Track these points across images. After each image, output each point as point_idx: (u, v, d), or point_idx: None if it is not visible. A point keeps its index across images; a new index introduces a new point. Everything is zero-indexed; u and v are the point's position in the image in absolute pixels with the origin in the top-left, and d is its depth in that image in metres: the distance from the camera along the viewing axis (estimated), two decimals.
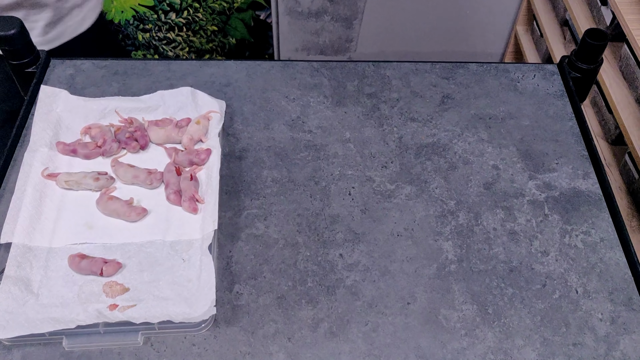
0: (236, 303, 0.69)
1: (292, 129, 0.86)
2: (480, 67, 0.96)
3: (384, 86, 0.92)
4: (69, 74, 0.91)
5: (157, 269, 0.69)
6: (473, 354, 0.66)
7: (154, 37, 1.94)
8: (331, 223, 0.76)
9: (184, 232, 0.72)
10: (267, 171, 0.81)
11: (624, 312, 0.70)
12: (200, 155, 0.78)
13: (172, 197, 0.75)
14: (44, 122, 0.80)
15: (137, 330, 0.65)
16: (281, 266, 0.72)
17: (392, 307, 0.69)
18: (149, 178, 0.76)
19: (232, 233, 0.75)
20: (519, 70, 0.96)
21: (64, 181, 0.75)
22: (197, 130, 0.81)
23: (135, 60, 0.93)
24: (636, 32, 1.20)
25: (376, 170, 0.82)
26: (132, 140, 0.80)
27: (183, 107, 0.84)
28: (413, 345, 0.66)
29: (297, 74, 0.93)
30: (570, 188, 0.81)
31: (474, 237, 0.75)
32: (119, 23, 1.88)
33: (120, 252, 0.71)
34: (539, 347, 0.67)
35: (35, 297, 0.66)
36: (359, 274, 0.72)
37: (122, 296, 0.66)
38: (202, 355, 0.65)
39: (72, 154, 0.79)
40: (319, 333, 0.67)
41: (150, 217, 0.74)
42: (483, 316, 0.69)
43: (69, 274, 0.68)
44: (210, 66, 0.93)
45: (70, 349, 0.64)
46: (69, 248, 0.71)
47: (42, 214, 0.73)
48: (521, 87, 0.94)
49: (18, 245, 0.69)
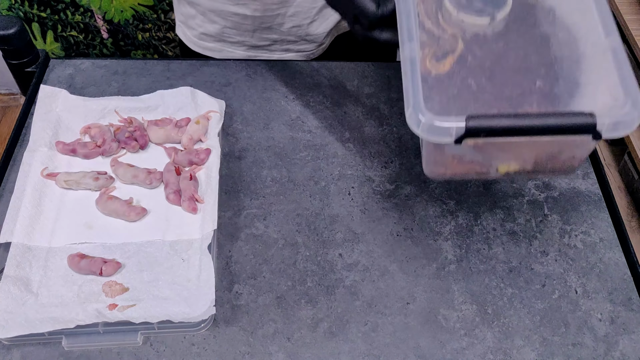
0: (236, 303, 0.69)
1: (291, 128, 0.86)
2: None
3: (384, 86, 0.92)
4: (69, 74, 0.91)
5: (157, 268, 0.69)
6: (472, 354, 0.66)
7: (154, 36, 1.94)
8: (331, 223, 0.76)
9: (184, 232, 0.72)
10: (266, 171, 0.81)
11: (624, 312, 0.70)
12: (200, 155, 0.78)
13: (171, 196, 0.75)
14: (43, 122, 0.80)
15: (136, 330, 0.65)
16: (281, 266, 0.72)
17: (391, 307, 0.69)
18: (149, 178, 0.76)
19: (231, 233, 0.75)
20: None
21: (64, 181, 0.75)
22: (197, 130, 0.81)
23: (135, 60, 0.93)
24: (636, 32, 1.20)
25: (376, 170, 0.82)
26: (131, 139, 0.80)
27: (183, 107, 0.84)
28: (412, 345, 0.66)
29: (297, 74, 0.93)
30: (570, 188, 0.81)
31: (473, 237, 0.75)
32: (118, 22, 1.88)
33: (119, 251, 0.71)
34: (539, 347, 0.67)
35: (34, 297, 0.66)
36: (358, 274, 0.72)
37: (121, 296, 0.66)
38: (202, 355, 0.65)
39: (71, 154, 0.79)
40: (319, 333, 0.67)
41: (149, 217, 0.74)
42: (482, 316, 0.69)
43: (69, 273, 0.68)
44: (210, 66, 0.93)
45: (70, 349, 0.64)
46: (69, 248, 0.71)
47: (42, 214, 0.73)
48: None
49: (17, 245, 0.69)
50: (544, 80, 0.56)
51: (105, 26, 1.90)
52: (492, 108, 0.54)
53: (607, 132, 0.51)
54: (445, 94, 0.55)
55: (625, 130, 0.51)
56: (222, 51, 1.00)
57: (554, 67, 0.57)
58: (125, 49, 1.99)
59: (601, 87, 0.54)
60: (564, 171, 0.59)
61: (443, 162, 0.58)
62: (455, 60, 0.58)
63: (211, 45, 1.00)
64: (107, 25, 1.90)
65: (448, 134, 0.51)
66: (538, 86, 0.56)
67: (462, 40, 0.59)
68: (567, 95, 0.55)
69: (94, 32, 1.92)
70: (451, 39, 0.59)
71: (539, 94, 0.55)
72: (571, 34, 0.59)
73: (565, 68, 0.57)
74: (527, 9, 0.61)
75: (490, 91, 0.56)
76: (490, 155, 0.57)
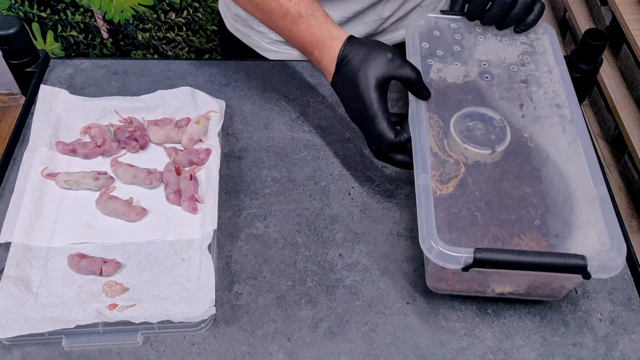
0: (236, 303, 0.69)
1: (291, 128, 0.86)
2: None
3: None
4: (69, 74, 0.91)
5: (157, 268, 0.69)
6: (472, 353, 0.66)
7: (154, 36, 1.94)
8: (331, 223, 0.76)
9: (184, 232, 0.72)
10: (266, 171, 0.81)
11: (624, 312, 0.70)
12: (200, 155, 0.78)
13: (171, 196, 0.75)
14: (43, 122, 0.80)
15: (136, 330, 0.65)
16: (281, 266, 0.72)
17: (391, 307, 0.69)
18: (149, 178, 0.76)
19: (231, 233, 0.75)
20: None
21: (64, 181, 0.75)
22: (197, 130, 0.81)
23: (135, 60, 0.93)
24: (636, 32, 1.20)
25: (376, 170, 0.82)
26: (131, 139, 0.80)
27: (183, 107, 0.84)
28: (412, 345, 0.66)
29: (296, 74, 0.93)
30: None
31: None
32: (118, 22, 1.88)
33: (119, 251, 0.71)
34: (539, 347, 0.67)
35: (34, 297, 0.66)
36: (358, 274, 0.72)
37: (121, 296, 0.66)
38: (202, 355, 0.65)
39: (71, 154, 0.79)
40: (319, 333, 0.67)
41: (149, 217, 0.74)
42: (482, 316, 0.69)
43: (69, 273, 0.68)
44: (210, 66, 0.93)
45: (70, 349, 0.64)
46: (69, 248, 0.71)
47: (42, 214, 0.73)
48: None
49: (17, 245, 0.69)
50: (541, 220, 0.65)
51: (105, 26, 1.90)
52: (493, 234, 0.63)
53: (596, 273, 0.59)
54: (455, 225, 0.64)
55: (612, 273, 0.59)
56: (248, 37, 1.00)
57: (545, 199, 0.66)
58: (125, 49, 1.99)
59: (590, 232, 0.63)
60: (553, 297, 0.68)
61: (445, 279, 0.65)
62: (457, 182, 0.67)
63: (241, 28, 1.00)
64: (107, 25, 1.90)
65: (457, 262, 0.59)
66: (537, 224, 0.64)
67: (464, 166, 0.69)
68: (561, 236, 0.64)
69: (94, 32, 1.92)
70: (455, 165, 0.69)
71: (537, 229, 0.64)
72: (562, 176, 0.68)
73: (558, 205, 0.66)
74: (523, 147, 0.71)
75: (489, 215, 0.65)
76: (489, 278, 0.64)
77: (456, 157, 0.70)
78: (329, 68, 0.73)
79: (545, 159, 0.70)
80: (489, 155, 0.69)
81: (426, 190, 0.64)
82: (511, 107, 0.74)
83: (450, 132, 0.70)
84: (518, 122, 0.73)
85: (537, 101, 0.75)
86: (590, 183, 0.66)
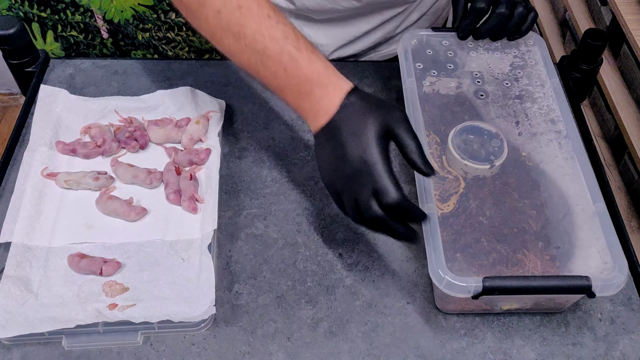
0: (236, 303, 0.69)
1: (291, 128, 0.86)
2: None
3: (384, 86, 0.92)
4: (69, 74, 0.91)
5: (157, 268, 0.69)
6: (472, 353, 0.66)
7: (154, 36, 1.94)
8: (331, 223, 0.76)
9: (184, 232, 0.72)
10: (266, 171, 0.81)
11: (623, 312, 0.70)
12: (200, 154, 0.78)
13: (171, 196, 0.75)
14: (43, 122, 0.80)
15: (136, 329, 0.65)
16: (281, 266, 0.72)
17: (391, 307, 0.69)
18: (149, 178, 0.76)
19: (231, 233, 0.75)
20: None
21: (64, 181, 0.75)
22: (197, 130, 0.81)
23: (135, 60, 0.93)
24: (636, 32, 1.20)
25: None
26: (131, 139, 0.80)
27: (183, 107, 0.84)
28: (412, 345, 0.66)
29: None
30: None
31: None
32: (118, 22, 1.88)
33: (119, 251, 0.71)
34: (538, 347, 0.67)
35: (34, 297, 0.66)
36: (358, 274, 0.72)
37: (121, 296, 0.66)
38: (202, 355, 0.65)
39: (71, 154, 0.79)
40: (319, 333, 0.67)
41: (149, 217, 0.74)
42: (482, 316, 0.69)
43: (69, 273, 0.68)
44: (210, 66, 0.93)
45: (70, 349, 0.64)
46: (69, 247, 0.71)
47: (42, 214, 0.73)
48: None
49: (17, 245, 0.69)
50: (542, 232, 0.66)
51: (105, 26, 1.90)
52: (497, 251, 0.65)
53: (600, 292, 0.61)
54: (459, 242, 0.65)
55: (615, 290, 0.61)
56: None
57: (545, 212, 0.68)
58: (125, 49, 1.99)
59: (592, 251, 0.65)
60: (557, 310, 0.69)
61: (454, 302, 0.67)
62: (457, 198, 0.68)
63: None
64: (107, 25, 1.90)
65: (467, 291, 0.60)
66: (538, 237, 0.66)
67: (464, 181, 0.70)
68: (562, 249, 0.65)
69: (94, 32, 1.92)
70: (454, 181, 0.70)
71: (538, 242, 0.66)
72: (561, 194, 0.69)
73: (557, 217, 0.68)
74: (522, 165, 0.72)
75: (492, 231, 0.66)
76: (497, 299, 0.66)
77: (455, 173, 0.71)
78: (330, 107, 0.63)
79: (543, 175, 0.71)
80: (487, 170, 0.70)
81: (432, 219, 0.63)
82: (507, 125, 0.75)
83: (449, 149, 0.71)
84: (515, 140, 0.73)
85: (532, 117, 0.76)
86: (589, 200, 0.67)
